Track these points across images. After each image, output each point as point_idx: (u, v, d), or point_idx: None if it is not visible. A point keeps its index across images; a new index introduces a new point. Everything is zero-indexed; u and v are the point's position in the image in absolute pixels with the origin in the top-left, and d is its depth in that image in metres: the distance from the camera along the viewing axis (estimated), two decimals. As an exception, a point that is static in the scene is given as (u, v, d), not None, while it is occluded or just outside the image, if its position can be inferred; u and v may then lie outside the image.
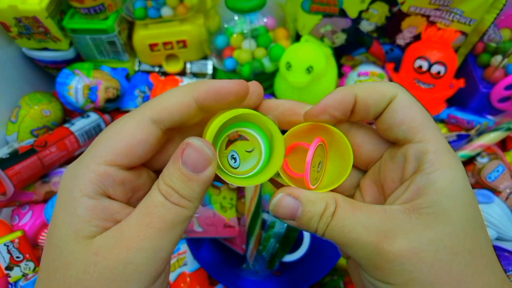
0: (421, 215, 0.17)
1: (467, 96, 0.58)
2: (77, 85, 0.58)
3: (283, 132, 0.21)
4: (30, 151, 0.50)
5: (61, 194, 0.18)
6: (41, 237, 0.51)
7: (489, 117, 0.56)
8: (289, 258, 0.48)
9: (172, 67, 0.65)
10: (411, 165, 0.18)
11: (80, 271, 0.16)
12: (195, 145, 0.17)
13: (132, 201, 0.19)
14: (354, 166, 0.21)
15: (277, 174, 0.20)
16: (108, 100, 0.60)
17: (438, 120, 0.58)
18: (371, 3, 0.52)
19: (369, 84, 0.19)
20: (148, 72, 0.66)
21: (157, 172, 0.20)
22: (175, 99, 0.18)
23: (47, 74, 0.67)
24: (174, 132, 0.20)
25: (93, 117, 0.59)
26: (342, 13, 0.54)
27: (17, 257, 0.47)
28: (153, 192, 0.17)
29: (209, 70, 0.65)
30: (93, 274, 0.16)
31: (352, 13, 0.54)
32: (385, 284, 0.17)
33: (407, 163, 0.19)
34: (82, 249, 0.16)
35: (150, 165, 0.20)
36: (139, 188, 0.19)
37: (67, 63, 0.63)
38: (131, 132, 0.18)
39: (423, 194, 0.17)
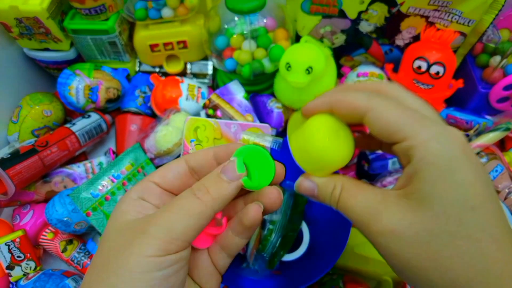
0: (409, 199, 0.20)
1: (466, 96, 0.58)
2: (78, 85, 0.58)
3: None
4: (31, 151, 0.50)
5: (115, 210, 0.23)
6: (42, 236, 0.51)
7: (488, 117, 0.56)
8: (289, 257, 0.48)
9: (173, 68, 0.65)
10: (403, 159, 0.21)
11: (111, 240, 0.21)
12: (236, 163, 0.23)
13: None
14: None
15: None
16: (109, 101, 0.61)
17: (437, 120, 0.58)
18: (370, 4, 0.52)
19: (344, 96, 0.23)
20: (148, 73, 0.66)
21: None
22: (202, 151, 0.25)
23: (48, 74, 0.67)
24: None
25: (94, 117, 0.59)
26: (342, 14, 0.54)
27: (18, 257, 0.48)
28: (186, 190, 0.22)
29: (209, 71, 0.65)
30: (119, 241, 0.21)
31: (352, 14, 0.54)
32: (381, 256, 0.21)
33: (400, 158, 0.22)
34: (118, 226, 0.22)
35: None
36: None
37: (68, 63, 0.63)
38: (170, 165, 0.25)
39: (411, 182, 0.20)
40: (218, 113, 0.56)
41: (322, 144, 0.23)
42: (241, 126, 0.49)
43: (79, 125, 0.57)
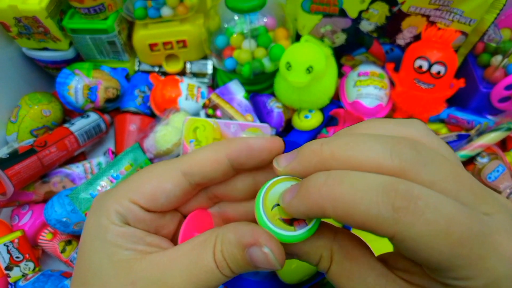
0: None
1: (467, 96, 0.58)
2: (77, 85, 0.58)
3: None
4: (30, 151, 0.50)
5: (89, 222, 0.18)
6: (40, 237, 0.51)
7: (489, 117, 0.56)
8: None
9: (172, 67, 0.65)
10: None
11: None
12: (269, 256, 0.16)
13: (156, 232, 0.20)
14: None
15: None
16: (108, 100, 0.60)
17: (438, 120, 0.58)
18: (371, 3, 0.51)
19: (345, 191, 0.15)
20: (148, 72, 0.66)
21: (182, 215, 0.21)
22: (207, 155, 0.18)
23: (47, 74, 0.67)
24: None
25: (93, 117, 0.59)
26: (342, 13, 0.54)
27: (17, 257, 0.47)
28: (206, 255, 0.17)
29: (209, 70, 0.65)
30: None
31: (352, 13, 0.53)
32: None
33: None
34: (118, 274, 0.17)
35: (177, 209, 0.21)
36: (160, 226, 0.20)
37: (67, 63, 0.63)
38: (159, 179, 0.18)
39: None
40: (218, 113, 0.56)
41: None
42: (241, 126, 0.49)
43: (78, 125, 0.56)
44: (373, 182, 0.13)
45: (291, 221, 0.17)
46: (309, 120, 0.57)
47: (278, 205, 0.17)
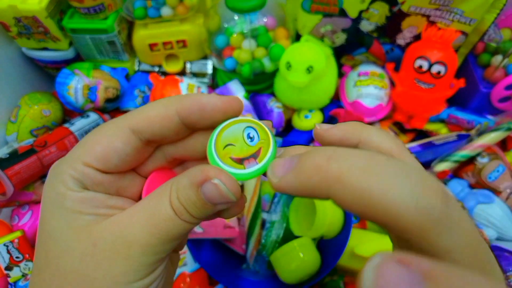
0: None
1: (468, 96, 0.57)
2: (76, 85, 0.58)
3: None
4: (30, 151, 0.50)
5: (46, 191, 0.17)
6: (40, 237, 0.51)
7: (489, 117, 0.56)
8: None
9: (172, 67, 0.65)
10: None
11: (76, 261, 0.16)
12: (220, 187, 0.16)
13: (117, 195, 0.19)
14: None
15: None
16: (108, 100, 0.60)
17: (439, 120, 0.58)
18: (371, 3, 0.51)
19: None
20: (148, 72, 0.65)
21: (143, 176, 0.20)
22: (157, 111, 0.18)
23: (46, 74, 0.67)
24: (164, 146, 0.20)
25: (93, 117, 0.59)
26: (342, 13, 0.54)
27: (17, 257, 0.47)
28: (163, 203, 0.17)
29: (209, 70, 0.65)
30: (89, 263, 0.16)
31: (352, 13, 0.53)
32: None
33: None
34: (78, 238, 0.16)
35: (136, 171, 0.20)
36: (122, 189, 0.19)
37: (67, 63, 0.63)
38: (108, 138, 0.17)
39: None
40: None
41: None
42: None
43: (78, 125, 0.56)
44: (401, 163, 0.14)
45: (241, 160, 0.17)
46: (309, 120, 0.57)
47: (230, 145, 0.17)
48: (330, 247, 0.45)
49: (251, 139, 0.18)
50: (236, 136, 0.18)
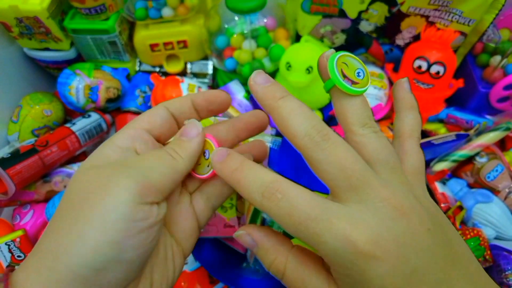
0: None
1: (466, 96, 0.58)
2: (78, 85, 0.58)
3: None
4: (31, 151, 0.50)
5: (104, 142, 0.22)
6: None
7: (488, 117, 0.56)
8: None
9: (173, 67, 0.65)
10: None
11: (85, 181, 0.19)
12: (191, 122, 0.24)
13: None
14: None
15: None
16: (109, 100, 0.60)
17: (437, 120, 0.58)
18: (370, 3, 0.52)
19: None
20: (148, 72, 0.66)
21: None
22: (178, 98, 0.25)
23: (48, 74, 0.67)
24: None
25: (94, 117, 0.59)
26: (342, 14, 0.54)
27: (18, 256, 0.48)
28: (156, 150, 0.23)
29: (210, 70, 0.65)
30: (93, 182, 0.19)
31: (352, 14, 0.54)
32: None
33: None
34: (94, 168, 0.20)
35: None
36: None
37: (68, 63, 0.63)
38: (153, 111, 0.24)
39: None
40: (218, 112, 0.56)
41: None
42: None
43: (79, 125, 0.57)
44: (259, 176, 0.19)
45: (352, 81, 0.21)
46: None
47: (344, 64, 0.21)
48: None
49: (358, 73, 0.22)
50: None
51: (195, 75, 0.66)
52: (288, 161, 0.25)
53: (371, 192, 0.18)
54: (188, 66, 0.65)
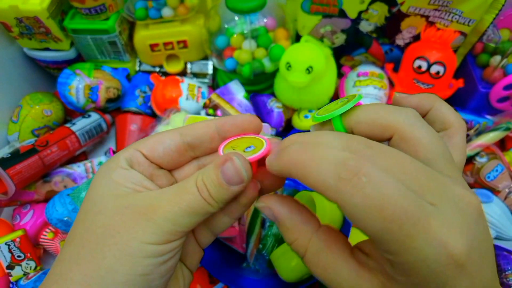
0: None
1: (466, 96, 0.58)
2: (78, 85, 0.58)
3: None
4: (31, 151, 0.50)
5: (101, 168, 0.22)
6: (42, 236, 0.51)
7: (488, 117, 0.56)
8: (289, 257, 0.48)
9: (173, 67, 0.65)
10: None
11: (108, 218, 0.19)
12: (236, 163, 0.19)
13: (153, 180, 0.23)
14: None
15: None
16: (109, 100, 0.61)
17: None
18: (370, 3, 0.52)
19: None
20: (148, 72, 0.66)
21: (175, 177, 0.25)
22: (201, 123, 0.23)
23: (48, 74, 0.67)
24: (193, 152, 0.24)
25: (94, 117, 0.59)
26: (342, 14, 0.54)
27: (18, 256, 0.48)
28: (190, 181, 0.20)
29: (210, 70, 0.65)
30: (118, 220, 0.19)
31: (352, 14, 0.54)
32: None
33: None
34: (115, 201, 0.20)
35: (173, 173, 0.24)
36: (156, 176, 0.23)
37: (68, 63, 0.63)
38: (161, 136, 0.23)
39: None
40: (218, 112, 0.56)
41: None
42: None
43: (79, 125, 0.57)
44: (331, 155, 0.16)
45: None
46: (308, 120, 0.57)
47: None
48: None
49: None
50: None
51: (195, 75, 0.66)
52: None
53: (449, 191, 0.15)
54: (188, 66, 0.65)
